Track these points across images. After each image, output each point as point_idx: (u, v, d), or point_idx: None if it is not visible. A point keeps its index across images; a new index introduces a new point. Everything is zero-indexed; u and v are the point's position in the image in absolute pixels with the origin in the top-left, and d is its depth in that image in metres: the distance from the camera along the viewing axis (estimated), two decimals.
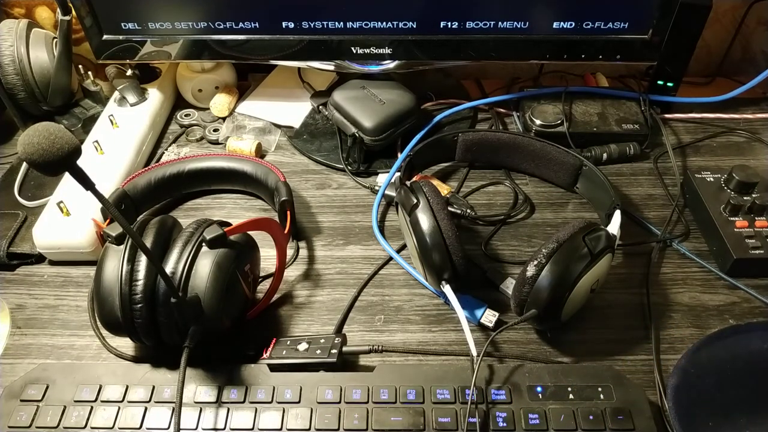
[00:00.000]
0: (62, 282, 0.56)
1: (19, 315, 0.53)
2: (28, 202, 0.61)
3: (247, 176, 0.61)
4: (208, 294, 0.43)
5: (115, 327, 0.44)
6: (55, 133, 0.32)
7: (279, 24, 0.62)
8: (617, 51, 0.63)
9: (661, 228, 0.59)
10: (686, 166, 0.67)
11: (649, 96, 0.71)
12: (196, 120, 0.73)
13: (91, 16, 0.61)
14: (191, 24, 0.62)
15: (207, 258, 0.43)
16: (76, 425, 0.44)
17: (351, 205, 0.63)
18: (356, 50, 0.63)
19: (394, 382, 0.45)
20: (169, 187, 0.61)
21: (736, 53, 0.79)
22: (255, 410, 0.44)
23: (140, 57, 0.65)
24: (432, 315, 0.53)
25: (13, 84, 0.65)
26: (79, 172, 0.34)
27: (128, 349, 0.50)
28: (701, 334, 0.50)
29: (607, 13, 0.60)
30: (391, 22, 0.61)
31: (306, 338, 0.48)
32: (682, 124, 0.73)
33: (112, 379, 0.46)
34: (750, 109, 0.74)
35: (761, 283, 0.54)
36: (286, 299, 0.54)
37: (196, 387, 0.45)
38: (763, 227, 0.55)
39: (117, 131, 0.66)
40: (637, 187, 0.65)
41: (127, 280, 0.43)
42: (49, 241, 0.55)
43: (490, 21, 0.61)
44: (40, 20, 0.75)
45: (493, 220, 0.61)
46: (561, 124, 0.67)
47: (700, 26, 0.66)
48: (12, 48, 0.64)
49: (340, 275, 0.56)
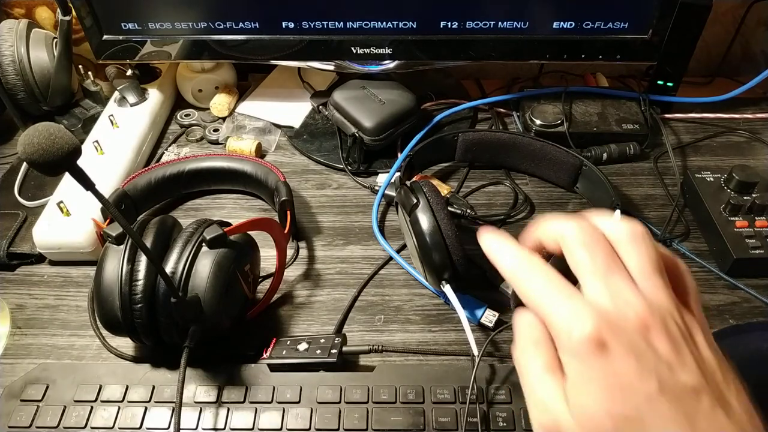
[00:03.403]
0: (62, 282, 0.56)
1: (19, 315, 0.53)
2: (28, 202, 0.61)
3: (247, 176, 0.60)
4: (208, 294, 0.43)
5: (115, 327, 0.44)
6: (55, 133, 0.32)
7: (279, 24, 0.62)
8: (617, 51, 0.63)
9: (661, 228, 0.59)
10: (686, 166, 0.67)
11: (649, 96, 0.71)
12: (196, 120, 0.73)
13: (91, 16, 0.61)
14: (191, 24, 0.62)
15: (207, 258, 0.43)
16: (76, 425, 0.44)
17: (351, 205, 0.63)
18: (356, 50, 0.63)
19: (394, 382, 0.45)
20: (169, 187, 0.61)
21: (736, 53, 0.79)
22: (255, 410, 0.44)
23: (140, 57, 0.65)
24: (432, 315, 0.53)
25: (13, 84, 0.65)
26: (79, 172, 0.34)
27: (128, 349, 0.50)
28: None
29: (607, 13, 0.60)
30: (391, 22, 0.61)
31: (306, 338, 0.48)
32: (682, 124, 0.73)
33: (112, 379, 0.46)
34: (750, 109, 0.74)
35: (761, 282, 0.54)
36: (286, 299, 0.54)
37: (196, 387, 0.45)
38: (763, 227, 0.55)
39: (117, 131, 0.66)
40: (637, 187, 0.65)
41: (127, 280, 0.43)
42: (49, 241, 0.55)
43: (490, 21, 0.61)
44: (40, 20, 0.75)
45: (493, 220, 0.61)
46: (561, 124, 0.67)
47: (700, 26, 0.66)
48: (12, 48, 0.64)
49: (340, 275, 0.56)
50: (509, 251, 0.30)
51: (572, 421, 0.26)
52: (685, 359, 0.26)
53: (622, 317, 0.26)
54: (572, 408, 0.26)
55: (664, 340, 0.26)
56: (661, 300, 0.27)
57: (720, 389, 0.26)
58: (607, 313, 0.26)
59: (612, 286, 0.27)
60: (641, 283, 0.27)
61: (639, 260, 0.28)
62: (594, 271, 0.27)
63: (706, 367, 0.26)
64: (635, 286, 0.27)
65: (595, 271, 0.27)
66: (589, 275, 0.27)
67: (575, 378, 0.26)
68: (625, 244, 0.28)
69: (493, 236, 0.30)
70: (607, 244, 0.28)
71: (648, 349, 0.25)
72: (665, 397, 0.25)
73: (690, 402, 0.25)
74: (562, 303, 0.27)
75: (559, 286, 0.27)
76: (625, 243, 0.28)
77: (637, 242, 0.28)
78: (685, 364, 0.26)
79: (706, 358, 0.27)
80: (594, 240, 0.28)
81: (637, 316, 0.26)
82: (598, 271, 0.27)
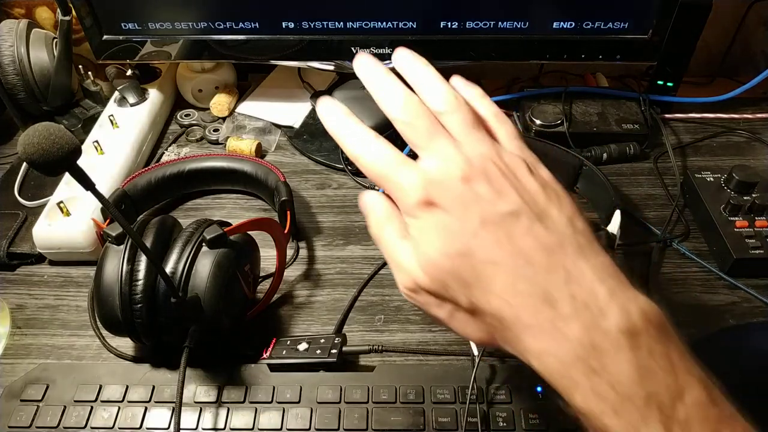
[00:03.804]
0: (62, 282, 0.56)
1: (19, 315, 0.53)
2: (28, 202, 0.61)
3: (247, 176, 0.60)
4: (208, 294, 0.43)
5: (115, 327, 0.44)
6: (55, 133, 0.32)
7: (279, 24, 0.62)
8: (617, 51, 0.63)
9: (661, 228, 0.59)
10: (686, 166, 0.67)
11: (649, 96, 0.71)
12: (196, 120, 0.73)
13: (91, 16, 0.61)
14: (191, 24, 0.62)
15: (207, 258, 0.43)
16: (76, 425, 0.44)
17: (351, 205, 0.63)
18: (356, 50, 0.63)
19: (394, 382, 0.45)
20: (169, 187, 0.61)
21: (736, 53, 0.79)
22: (255, 410, 0.44)
23: (140, 57, 0.65)
24: None
25: (13, 84, 0.65)
26: (79, 172, 0.34)
27: (128, 349, 0.50)
28: (701, 334, 0.50)
29: (607, 13, 0.60)
30: (391, 22, 0.61)
31: (306, 338, 0.48)
32: (682, 124, 0.73)
33: (112, 379, 0.46)
34: (750, 109, 0.74)
35: (761, 283, 0.54)
36: (286, 299, 0.54)
37: (196, 387, 0.45)
38: (763, 227, 0.55)
39: (117, 131, 0.66)
40: (637, 187, 0.65)
41: (127, 280, 0.42)
42: (49, 241, 0.55)
43: (490, 21, 0.61)
44: (41, 20, 0.75)
45: None
46: (561, 124, 0.67)
47: (700, 26, 0.66)
48: (12, 48, 0.64)
49: (340, 275, 0.56)
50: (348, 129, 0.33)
51: (422, 273, 0.30)
52: (503, 192, 0.29)
53: (446, 175, 0.30)
54: (418, 261, 0.30)
55: (484, 183, 0.29)
56: (480, 150, 0.30)
57: (540, 208, 0.29)
58: (433, 174, 0.30)
59: (435, 149, 0.30)
60: (462, 140, 0.31)
61: (457, 122, 0.31)
62: (418, 140, 0.31)
63: (526, 193, 0.30)
64: (457, 144, 0.31)
65: (420, 139, 0.31)
66: (416, 146, 0.31)
67: (416, 235, 0.30)
68: (444, 114, 0.32)
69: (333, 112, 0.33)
70: (429, 114, 0.31)
71: (470, 194, 0.29)
72: (488, 227, 0.28)
73: (509, 224, 0.28)
74: (397, 173, 0.31)
75: (393, 158, 0.31)
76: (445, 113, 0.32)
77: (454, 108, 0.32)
78: (504, 195, 0.29)
79: (527, 185, 0.30)
80: (415, 114, 0.31)
81: (459, 170, 0.29)
82: (422, 139, 0.31)
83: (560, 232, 0.29)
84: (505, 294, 0.28)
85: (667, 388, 0.26)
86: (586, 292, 0.27)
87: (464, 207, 0.29)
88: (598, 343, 0.26)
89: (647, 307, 0.27)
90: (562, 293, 0.27)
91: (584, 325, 0.27)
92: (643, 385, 0.26)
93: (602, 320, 0.26)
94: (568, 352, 0.27)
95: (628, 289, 0.28)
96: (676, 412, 0.25)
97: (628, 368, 0.26)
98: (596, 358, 0.26)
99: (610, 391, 0.26)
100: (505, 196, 0.29)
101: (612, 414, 0.26)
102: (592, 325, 0.26)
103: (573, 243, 0.29)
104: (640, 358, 0.26)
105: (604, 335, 0.26)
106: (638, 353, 0.26)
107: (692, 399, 0.26)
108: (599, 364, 0.26)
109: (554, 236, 0.29)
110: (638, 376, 0.26)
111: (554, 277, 0.28)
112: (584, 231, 0.30)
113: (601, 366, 0.26)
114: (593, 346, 0.26)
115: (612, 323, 0.26)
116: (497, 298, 0.28)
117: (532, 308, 0.27)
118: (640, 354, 0.26)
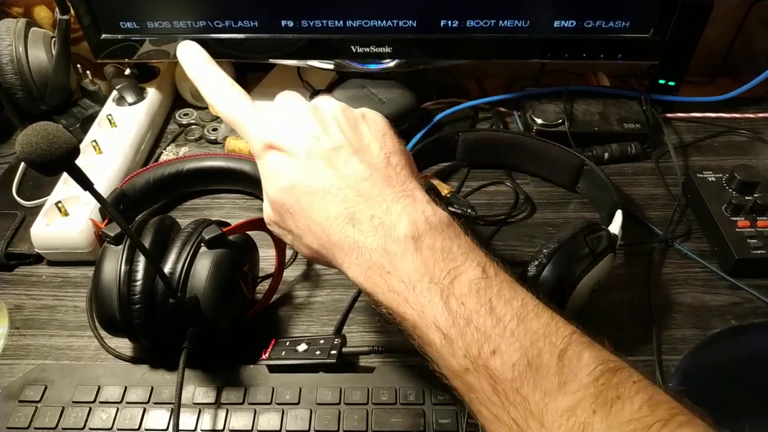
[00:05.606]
0: (60, 282, 0.56)
1: (17, 315, 0.53)
2: (27, 202, 0.61)
3: (246, 176, 0.60)
4: (206, 294, 0.42)
5: (114, 327, 0.44)
6: (53, 133, 0.32)
7: (278, 23, 0.61)
8: (618, 50, 0.62)
9: (662, 228, 0.59)
10: (688, 166, 0.67)
11: (650, 95, 0.71)
12: (195, 119, 0.73)
13: (89, 15, 0.61)
14: (190, 23, 0.62)
15: (206, 258, 0.43)
16: (74, 426, 0.43)
17: None
18: (356, 49, 0.63)
19: (394, 383, 0.45)
20: (167, 187, 0.61)
21: (737, 52, 0.79)
22: (254, 411, 0.44)
23: (139, 56, 0.65)
24: None
25: (12, 83, 0.65)
26: (77, 171, 0.34)
27: (127, 349, 0.50)
28: (703, 334, 0.50)
29: (608, 12, 0.60)
30: (391, 21, 0.61)
31: (305, 339, 0.48)
32: (683, 124, 0.72)
33: (111, 379, 0.46)
34: (752, 108, 0.74)
35: (763, 283, 0.54)
36: (286, 300, 0.54)
37: (195, 388, 0.45)
38: (765, 227, 0.55)
39: (115, 131, 0.65)
40: (638, 186, 0.64)
41: (126, 281, 0.42)
42: (48, 242, 0.55)
43: (490, 20, 0.61)
44: (39, 19, 0.75)
45: (493, 220, 0.60)
46: (562, 123, 0.67)
47: (701, 25, 0.66)
48: (10, 47, 0.64)
49: (339, 275, 0.56)
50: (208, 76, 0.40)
51: (268, 207, 0.37)
52: (330, 132, 0.35)
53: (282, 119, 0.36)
54: (266, 197, 0.37)
55: (315, 124, 0.36)
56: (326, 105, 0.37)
57: (360, 147, 0.35)
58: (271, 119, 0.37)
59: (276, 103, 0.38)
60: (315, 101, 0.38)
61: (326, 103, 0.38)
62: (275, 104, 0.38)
63: (350, 136, 0.35)
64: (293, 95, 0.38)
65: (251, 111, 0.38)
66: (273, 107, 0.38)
67: (263, 174, 0.37)
68: None
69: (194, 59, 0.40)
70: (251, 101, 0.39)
71: (301, 133, 0.35)
72: (313, 158, 0.35)
73: (332, 156, 0.35)
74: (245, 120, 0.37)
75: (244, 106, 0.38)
76: None
77: None
78: (330, 134, 0.35)
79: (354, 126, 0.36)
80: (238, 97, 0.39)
81: (296, 115, 0.36)
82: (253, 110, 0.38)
83: (374, 165, 0.35)
84: (320, 218, 0.34)
85: (448, 274, 0.31)
86: (383, 211, 0.33)
87: (294, 145, 0.35)
88: (391, 249, 0.32)
89: (431, 214, 0.33)
90: (364, 215, 0.33)
91: (379, 237, 0.32)
92: (426, 274, 0.31)
93: (393, 231, 0.32)
94: (368, 261, 0.33)
95: (420, 203, 0.34)
96: (453, 290, 0.31)
97: (412, 264, 0.32)
98: (389, 262, 0.32)
99: (401, 284, 0.32)
100: (331, 135, 0.35)
101: (405, 303, 0.32)
102: (386, 236, 0.32)
103: (382, 173, 0.35)
104: (423, 255, 0.32)
105: (395, 242, 0.32)
106: (421, 252, 0.32)
107: (468, 278, 0.31)
108: (392, 265, 0.32)
109: (368, 168, 0.34)
110: (422, 268, 0.31)
111: (359, 201, 0.34)
112: (397, 165, 0.35)
113: (393, 267, 0.32)
114: (386, 253, 0.32)
115: (401, 232, 0.32)
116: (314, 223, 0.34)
117: (339, 228, 0.33)
118: (422, 252, 0.32)
